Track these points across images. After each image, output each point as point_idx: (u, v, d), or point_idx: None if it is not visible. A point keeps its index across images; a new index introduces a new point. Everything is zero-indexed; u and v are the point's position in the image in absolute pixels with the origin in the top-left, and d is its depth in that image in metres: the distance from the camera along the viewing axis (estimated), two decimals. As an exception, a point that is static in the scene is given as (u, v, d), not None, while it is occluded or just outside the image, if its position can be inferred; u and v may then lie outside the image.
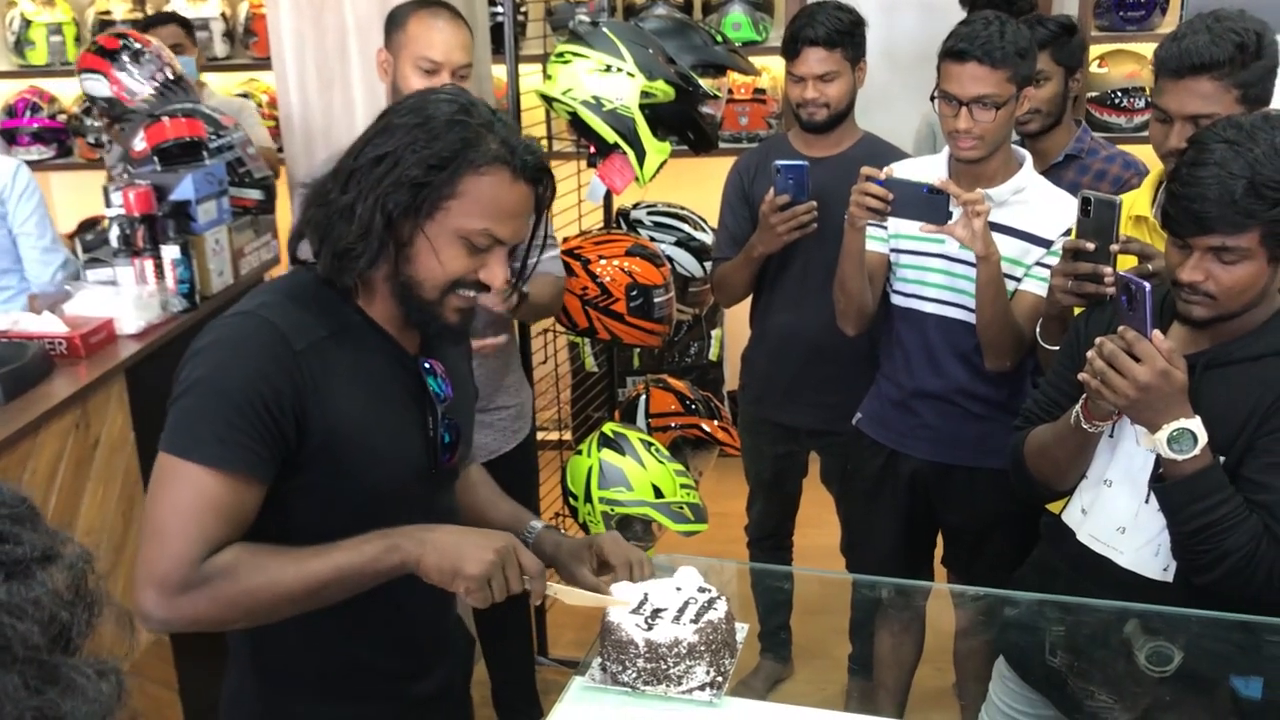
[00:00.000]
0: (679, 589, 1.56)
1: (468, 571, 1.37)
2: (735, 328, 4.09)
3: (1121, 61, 4.16)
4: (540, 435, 3.43)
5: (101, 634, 0.56)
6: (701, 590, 1.56)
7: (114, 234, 2.76)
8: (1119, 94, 4.10)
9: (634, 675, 1.49)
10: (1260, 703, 1.82)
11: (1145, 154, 2.85)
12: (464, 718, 1.80)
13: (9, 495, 0.57)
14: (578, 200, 3.27)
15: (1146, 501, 1.78)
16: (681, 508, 2.98)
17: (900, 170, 2.42)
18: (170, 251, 2.77)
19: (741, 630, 1.60)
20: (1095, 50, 4.10)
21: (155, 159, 2.95)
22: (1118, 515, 1.84)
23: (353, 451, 1.43)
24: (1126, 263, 2.00)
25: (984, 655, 2.32)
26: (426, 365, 1.54)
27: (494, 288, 1.46)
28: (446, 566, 1.38)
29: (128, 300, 2.70)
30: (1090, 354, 1.71)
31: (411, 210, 1.39)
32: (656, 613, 1.51)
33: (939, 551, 2.76)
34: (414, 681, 1.62)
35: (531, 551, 1.66)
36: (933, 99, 2.33)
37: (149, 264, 2.76)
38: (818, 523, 3.27)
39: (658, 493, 2.96)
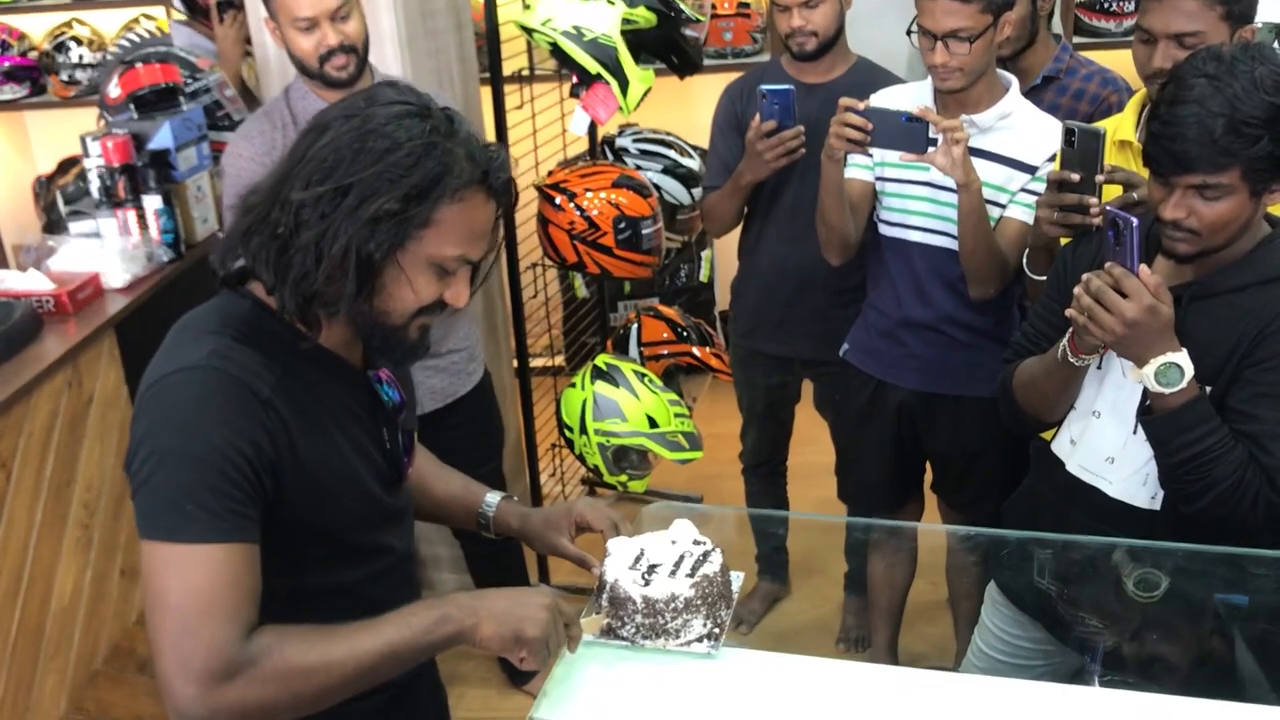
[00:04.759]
0: (674, 542, 1.59)
1: (529, 635, 1.35)
2: (726, 247, 4.08)
3: (1109, -38, 4.07)
4: (533, 362, 3.45)
5: None
6: (696, 543, 1.58)
7: (94, 185, 2.73)
8: (1108, -4, 4.02)
9: (632, 630, 1.52)
10: (1246, 609, 1.86)
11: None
12: (440, 695, 1.75)
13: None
14: (562, 130, 3.24)
15: (1135, 432, 1.80)
16: (677, 436, 3.01)
17: (882, 99, 2.39)
18: (152, 201, 2.75)
19: (736, 579, 1.63)
20: (1084, -48, 4.02)
21: (131, 106, 2.91)
22: (1106, 446, 1.86)
23: (326, 485, 1.37)
24: (1112, 192, 1.99)
25: (974, 573, 2.37)
26: (376, 376, 1.48)
27: (458, 307, 1.39)
28: (507, 634, 1.35)
29: (113, 253, 2.69)
30: (1077, 290, 1.71)
31: (392, 246, 1.29)
32: (653, 568, 1.54)
33: (929, 477, 2.79)
34: None
35: (495, 527, 1.66)
36: (909, 33, 2.30)
37: (131, 215, 2.75)
38: (812, 440, 3.28)
39: (652, 423, 2.98)
